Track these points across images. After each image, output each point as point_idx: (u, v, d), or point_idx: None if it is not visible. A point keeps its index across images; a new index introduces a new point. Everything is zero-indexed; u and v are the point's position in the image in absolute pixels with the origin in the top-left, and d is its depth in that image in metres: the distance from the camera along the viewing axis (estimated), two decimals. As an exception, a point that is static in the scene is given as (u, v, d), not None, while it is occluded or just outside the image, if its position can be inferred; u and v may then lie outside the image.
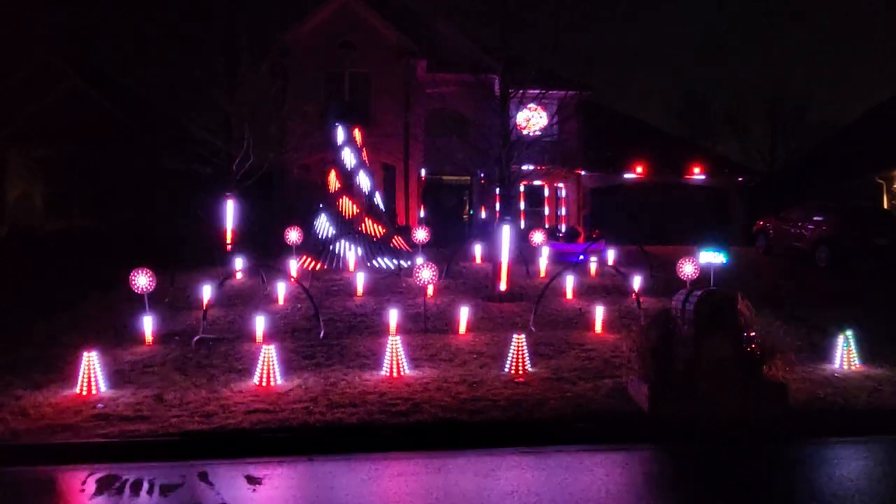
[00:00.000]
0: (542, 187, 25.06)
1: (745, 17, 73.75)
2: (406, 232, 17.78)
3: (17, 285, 13.39)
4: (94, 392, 7.78)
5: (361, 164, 16.35)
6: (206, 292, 11.26)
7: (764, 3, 72.31)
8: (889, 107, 28.36)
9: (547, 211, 25.23)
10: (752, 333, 7.51)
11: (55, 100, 21.17)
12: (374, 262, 15.28)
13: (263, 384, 8.05)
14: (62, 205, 21.51)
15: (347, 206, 15.73)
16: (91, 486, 5.70)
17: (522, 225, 23.36)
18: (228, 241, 16.45)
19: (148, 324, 10.12)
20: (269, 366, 8.15)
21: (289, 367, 8.72)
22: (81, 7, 23.04)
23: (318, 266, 15.04)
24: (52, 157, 21.32)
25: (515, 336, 8.82)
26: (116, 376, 8.38)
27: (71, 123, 20.72)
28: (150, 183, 21.28)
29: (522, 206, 24.66)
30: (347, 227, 15.53)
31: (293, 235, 15.53)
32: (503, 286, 12.70)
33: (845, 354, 9.07)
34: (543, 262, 15.62)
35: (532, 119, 16.88)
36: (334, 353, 9.42)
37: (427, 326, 10.80)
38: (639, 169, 24.97)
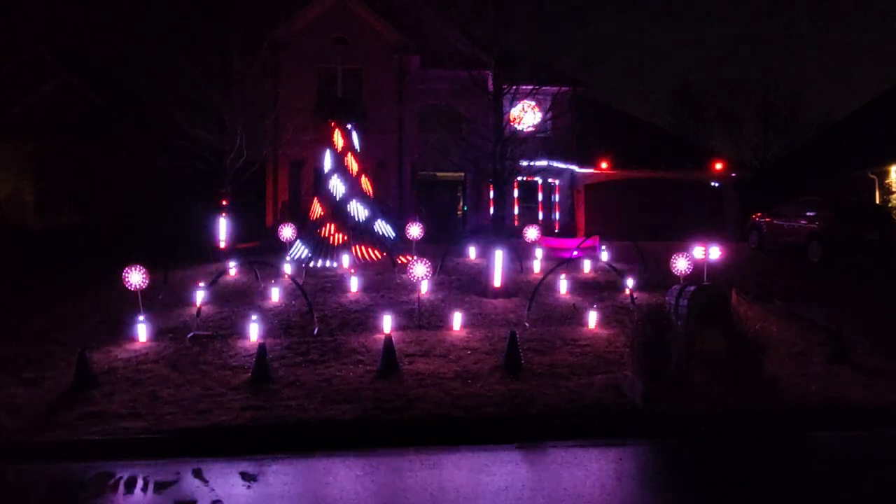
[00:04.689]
0: (535, 183, 25.08)
1: (739, 14, 73.89)
2: (400, 229, 17.74)
3: (9, 282, 13.32)
4: (87, 390, 7.74)
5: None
6: (200, 289, 11.23)
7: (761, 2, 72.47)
8: (881, 102, 28.48)
9: (541, 207, 25.25)
10: (745, 328, 7.55)
11: (47, 95, 21.03)
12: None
13: (257, 381, 8.03)
14: (53, 201, 21.39)
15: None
16: (85, 483, 5.68)
17: (516, 221, 23.38)
18: (222, 237, 16.40)
19: (141, 321, 10.08)
20: (263, 362, 8.14)
21: (283, 363, 8.70)
22: (77, 3, 22.91)
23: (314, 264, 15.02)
24: (44, 152, 21.19)
25: (510, 332, 8.83)
26: (110, 373, 8.34)
27: (63, 119, 20.61)
28: (142, 179, 21.19)
29: (516, 202, 24.66)
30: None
31: (287, 232, 15.49)
32: (497, 282, 12.70)
33: (837, 349, 9.11)
34: (537, 258, 15.64)
35: (525, 115, 16.85)
36: (328, 349, 9.41)
37: (421, 323, 10.80)
38: (632, 165, 25.01)
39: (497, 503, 5.28)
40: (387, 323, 10.09)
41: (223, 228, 16.36)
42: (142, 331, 9.98)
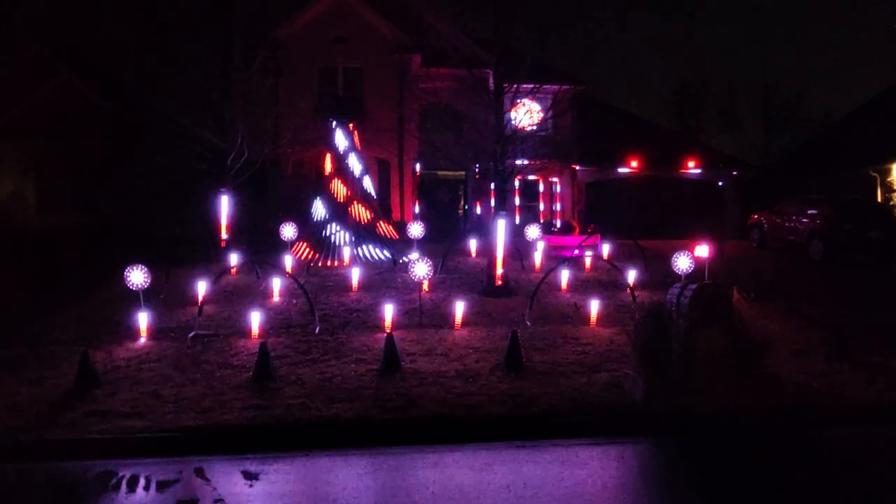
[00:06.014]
0: (536, 182, 25.10)
1: (738, 12, 73.82)
2: (401, 227, 17.77)
3: (11, 282, 13.33)
4: (89, 389, 7.76)
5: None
6: (202, 288, 11.25)
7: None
8: (883, 100, 28.42)
9: (542, 205, 25.27)
10: (747, 326, 7.55)
11: (47, 95, 21.01)
12: (362, 250, 15.31)
13: (259, 380, 8.04)
14: (54, 201, 21.40)
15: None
16: (87, 482, 5.69)
17: (517, 220, 23.38)
18: (223, 236, 16.41)
19: (143, 320, 10.09)
20: (264, 361, 8.15)
21: (284, 362, 8.71)
22: (77, 3, 22.89)
23: (314, 256, 15.06)
24: (44, 152, 21.19)
25: (511, 330, 8.83)
26: (112, 373, 8.36)
27: (64, 119, 20.60)
28: (143, 179, 21.18)
29: (517, 200, 24.67)
30: (343, 215, 15.67)
31: (288, 231, 15.49)
32: (498, 281, 12.71)
33: (838, 347, 9.11)
34: (538, 256, 15.66)
35: (526, 114, 16.82)
36: (330, 348, 9.42)
37: (422, 321, 10.81)
38: (633, 163, 25.00)
39: (499, 502, 5.29)
40: (388, 321, 10.11)
41: (224, 228, 16.37)
42: (143, 330, 10.00)
